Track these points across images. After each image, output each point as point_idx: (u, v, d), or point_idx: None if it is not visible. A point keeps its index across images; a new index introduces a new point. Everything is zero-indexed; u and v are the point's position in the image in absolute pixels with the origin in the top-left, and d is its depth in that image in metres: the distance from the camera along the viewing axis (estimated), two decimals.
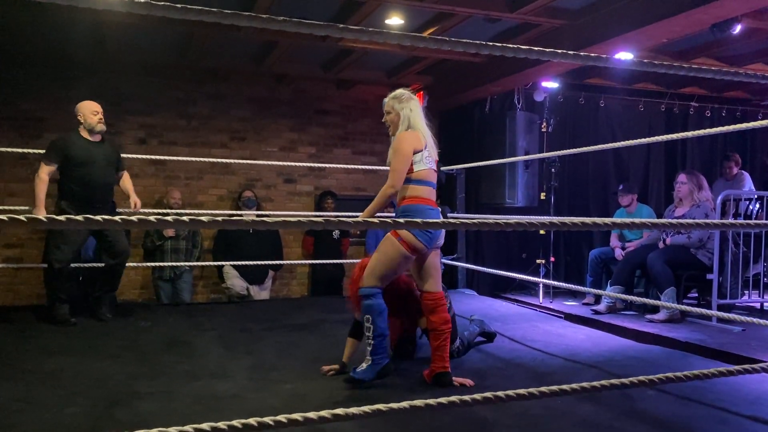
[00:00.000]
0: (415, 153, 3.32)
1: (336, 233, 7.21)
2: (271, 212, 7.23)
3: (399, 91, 3.52)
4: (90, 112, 4.81)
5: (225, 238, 6.87)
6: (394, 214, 3.58)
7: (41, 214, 4.44)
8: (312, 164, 7.13)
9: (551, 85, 6.82)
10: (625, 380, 1.78)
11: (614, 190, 6.83)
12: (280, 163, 6.94)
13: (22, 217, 1.25)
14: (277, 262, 6.72)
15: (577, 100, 7.38)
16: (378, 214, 3.36)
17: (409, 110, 3.41)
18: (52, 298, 4.69)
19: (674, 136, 4.09)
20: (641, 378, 1.80)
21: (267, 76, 7.30)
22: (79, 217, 1.28)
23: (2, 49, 6.37)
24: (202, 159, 6.21)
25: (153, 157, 6.36)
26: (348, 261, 7.10)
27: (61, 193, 4.71)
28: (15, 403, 2.96)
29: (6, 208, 5.52)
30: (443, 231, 3.53)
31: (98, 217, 1.30)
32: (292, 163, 6.96)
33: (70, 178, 4.66)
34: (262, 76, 7.30)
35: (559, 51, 1.92)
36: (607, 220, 1.91)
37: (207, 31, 5.78)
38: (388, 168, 3.37)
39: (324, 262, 6.91)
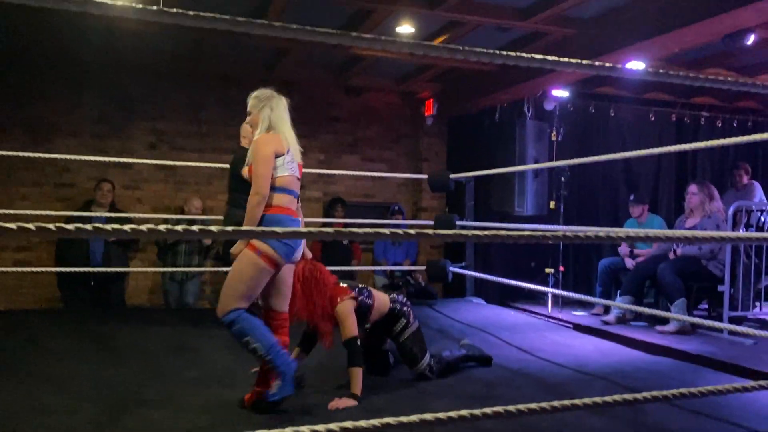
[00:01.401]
0: (276, 157, 3.08)
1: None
2: None
3: (260, 90, 3.28)
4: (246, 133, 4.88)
5: None
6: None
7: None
8: (321, 171, 7.11)
9: (561, 94, 6.80)
10: (638, 395, 1.75)
11: (624, 199, 6.78)
12: None
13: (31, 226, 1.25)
14: None
15: (587, 109, 7.35)
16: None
17: (269, 109, 3.20)
18: None
19: (685, 146, 4.03)
20: (654, 393, 1.78)
21: (277, 82, 7.26)
22: (70, 226, 1.29)
23: (14, 53, 6.43)
24: (211, 164, 6.21)
25: (164, 162, 6.36)
26: (358, 268, 7.05)
27: (239, 205, 4.64)
28: (22, 408, 2.96)
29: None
30: (303, 245, 3.21)
31: (87, 227, 1.30)
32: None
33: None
34: (273, 82, 7.25)
35: (571, 60, 1.91)
36: (621, 231, 1.89)
37: (218, 37, 5.80)
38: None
39: (332, 268, 6.88)
